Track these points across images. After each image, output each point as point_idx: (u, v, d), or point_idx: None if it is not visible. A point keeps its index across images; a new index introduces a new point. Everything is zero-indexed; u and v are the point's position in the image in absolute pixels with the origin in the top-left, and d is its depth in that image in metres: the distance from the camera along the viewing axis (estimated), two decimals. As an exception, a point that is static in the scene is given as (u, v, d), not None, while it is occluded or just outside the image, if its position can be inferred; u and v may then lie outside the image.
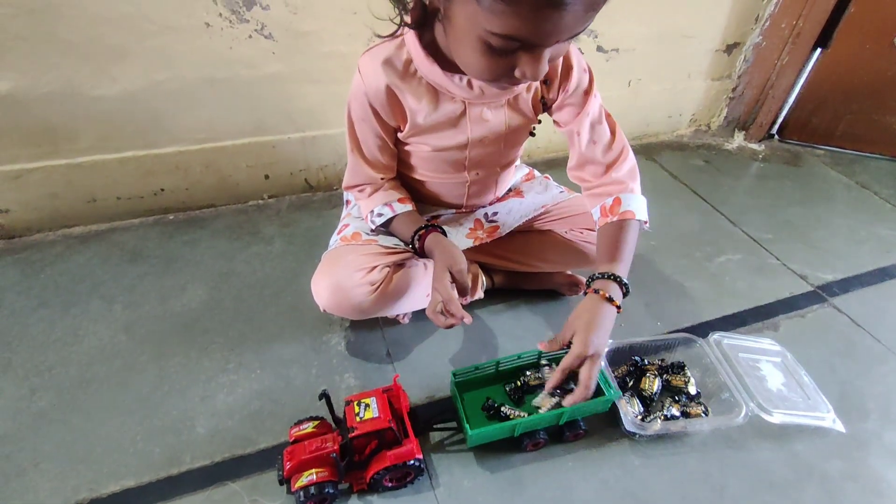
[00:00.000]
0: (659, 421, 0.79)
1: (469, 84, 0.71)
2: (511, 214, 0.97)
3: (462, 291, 0.77)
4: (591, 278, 0.77)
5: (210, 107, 1.15)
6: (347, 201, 1.00)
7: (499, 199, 1.00)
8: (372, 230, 0.89)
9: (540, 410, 0.78)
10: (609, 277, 0.74)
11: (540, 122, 0.83)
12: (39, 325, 0.96)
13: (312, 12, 1.10)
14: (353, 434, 0.67)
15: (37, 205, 1.14)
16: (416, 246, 0.83)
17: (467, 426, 0.73)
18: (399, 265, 0.89)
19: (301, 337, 0.97)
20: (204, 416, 0.83)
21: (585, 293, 0.76)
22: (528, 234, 0.99)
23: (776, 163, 1.64)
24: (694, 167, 1.60)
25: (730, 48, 1.60)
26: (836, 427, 0.83)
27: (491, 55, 0.55)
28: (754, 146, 1.72)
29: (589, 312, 0.72)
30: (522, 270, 1.02)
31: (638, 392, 0.85)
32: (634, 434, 0.81)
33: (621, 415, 0.79)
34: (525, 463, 0.78)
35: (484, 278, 1.03)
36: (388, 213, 0.85)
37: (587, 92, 0.78)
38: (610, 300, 0.73)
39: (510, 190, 1.02)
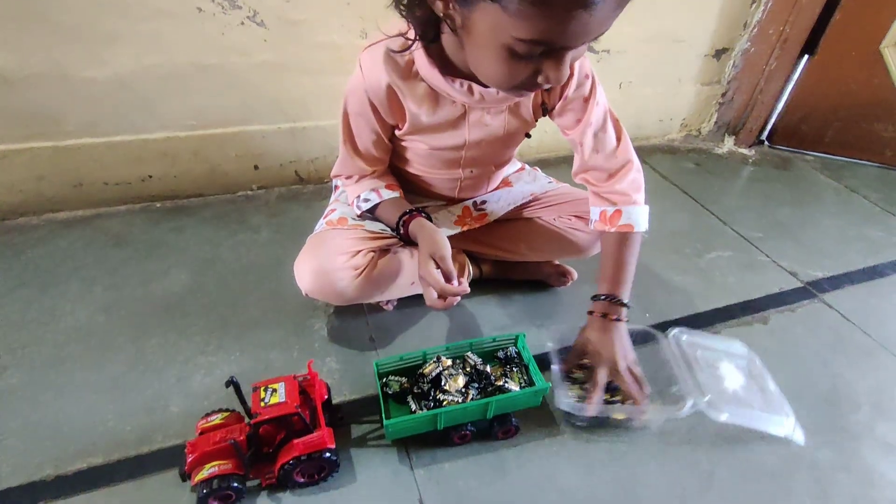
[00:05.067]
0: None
1: (469, 89, 0.69)
2: (499, 202, 0.96)
3: (447, 277, 0.75)
4: (595, 298, 0.81)
5: (200, 93, 1.15)
6: (336, 187, 0.99)
7: (488, 191, 0.99)
8: (358, 215, 0.88)
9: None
10: (612, 301, 0.79)
11: (535, 125, 0.83)
12: (15, 305, 0.94)
13: (305, 1, 1.10)
14: (256, 420, 0.62)
15: (21, 187, 1.12)
16: (401, 231, 0.82)
17: (384, 418, 0.70)
18: (385, 251, 0.88)
19: (283, 321, 0.95)
20: (179, 397, 0.80)
21: (590, 312, 0.81)
22: (516, 221, 0.98)
23: (766, 167, 1.65)
24: (684, 169, 1.61)
25: (719, 53, 1.62)
26: (795, 437, 0.78)
27: (514, 62, 0.54)
28: (744, 151, 1.73)
29: (598, 335, 0.79)
30: (510, 259, 1.01)
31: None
32: (572, 416, 0.78)
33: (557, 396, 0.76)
34: (508, 447, 0.76)
35: (471, 268, 1.01)
36: (375, 199, 0.84)
37: (588, 99, 0.77)
38: (616, 321, 0.78)
39: (500, 181, 1.02)
